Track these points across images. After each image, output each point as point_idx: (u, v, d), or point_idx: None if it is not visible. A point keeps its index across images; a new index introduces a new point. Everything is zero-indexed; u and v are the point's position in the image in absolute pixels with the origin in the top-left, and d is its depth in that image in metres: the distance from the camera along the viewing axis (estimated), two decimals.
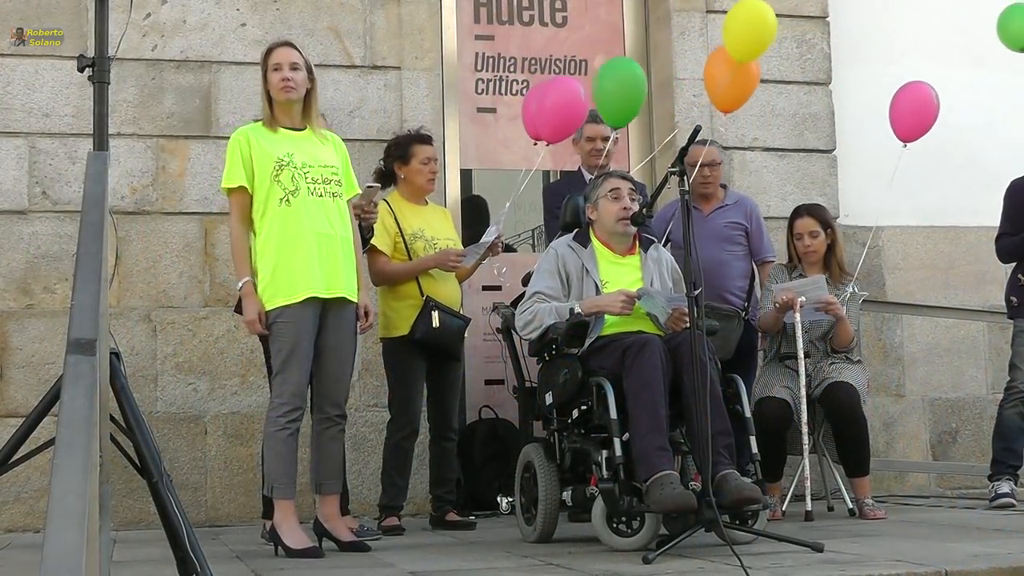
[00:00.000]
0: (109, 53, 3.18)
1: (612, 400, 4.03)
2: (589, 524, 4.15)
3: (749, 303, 5.52)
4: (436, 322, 5.00)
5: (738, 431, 4.16)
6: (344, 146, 4.58)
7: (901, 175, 5.50)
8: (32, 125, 5.61)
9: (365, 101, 6.00)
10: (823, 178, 6.57)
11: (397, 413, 5.12)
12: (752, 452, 4.21)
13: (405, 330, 5.05)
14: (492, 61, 6.45)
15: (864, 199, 6.45)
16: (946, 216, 6.81)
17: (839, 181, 6.58)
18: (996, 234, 5.66)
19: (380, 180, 5.25)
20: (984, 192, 6.29)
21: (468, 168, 6.49)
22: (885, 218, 6.38)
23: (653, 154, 6.32)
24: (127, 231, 5.62)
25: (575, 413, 4.28)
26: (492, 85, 6.44)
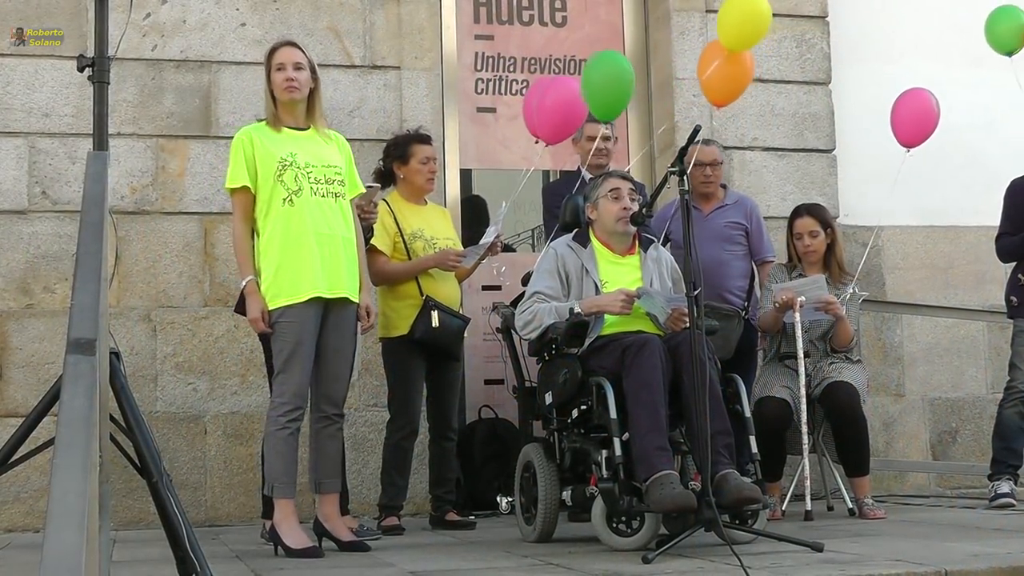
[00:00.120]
0: (109, 53, 3.18)
1: (612, 400, 4.03)
2: (589, 524, 4.15)
3: (749, 303, 5.52)
4: (436, 322, 5.00)
5: (738, 431, 4.16)
6: (348, 146, 4.58)
7: (901, 175, 5.51)
8: (32, 125, 5.61)
9: (365, 101, 6.00)
10: (823, 178, 6.57)
11: (397, 413, 5.12)
12: (752, 452, 4.21)
13: (405, 330, 5.05)
14: (492, 61, 6.45)
15: (864, 199, 6.45)
16: (946, 216, 6.81)
17: (839, 181, 6.58)
18: (996, 234, 5.66)
19: (380, 180, 5.25)
20: (984, 192, 6.29)
21: (468, 168, 6.48)
22: (885, 218, 6.37)
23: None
24: (127, 231, 5.62)
25: (575, 413, 4.28)
26: (492, 85, 6.43)
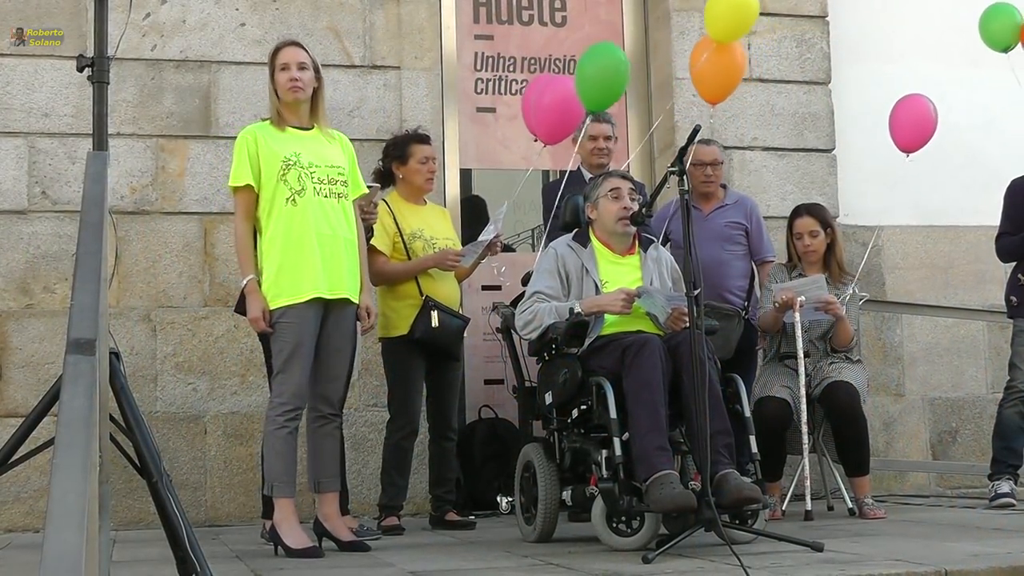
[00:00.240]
0: (109, 53, 3.18)
1: (612, 400, 4.03)
2: (589, 524, 4.15)
3: (749, 303, 5.52)
4: (435, 322, 5.00)
5: (738, 431, 4.16)
6: (351, 146, 4.58)
7: (900, 174, 5.51)
8: (32, 125, 5.61)
9: (365, 101, 6.00)
10: (823, 177, 6.57)
11: (396, 413, 5.12)
12: (752, 452, 4.21)
13: (404, 330, 5.05)
14: (492, 61, 6.44)
15: (864, 199, 6.45)
16: (946, 216, 6.81)
17: (839, 181, 6.58)
18: (996, 233, 5.66)
19: (379, 180, 5.25)
20: (984, 191, 6.29)
21: (468, 168, 6.48)
22: (885, 217, 6.38)
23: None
24: (127, 231, 5.62)
25: (575, 413, 4.28)
26: (492, 85, 6.43)
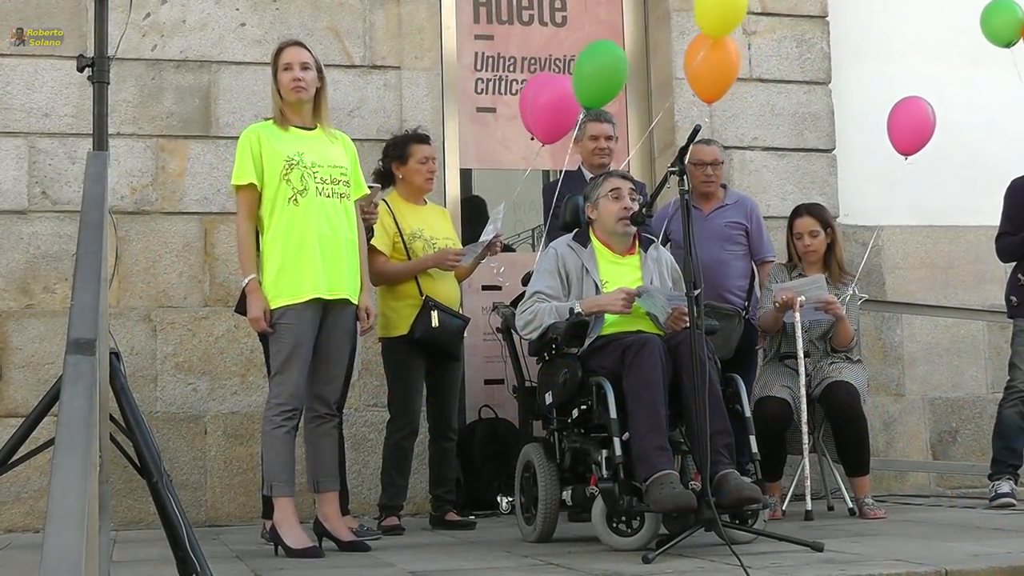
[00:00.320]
0: (109, 53, 3.18)
1: (612, 400, 4.03)
2: (589, 524, 4.15)
3: (749, 302, 5.52)
4: (435, 321, 5.00)
5: (738, 430, 4.15)
6: (353, 146, 4.57)
7: (900, 174, 5.51)
8: (32, 125, 5.61)
9: (365, 101, 6.00)
10: (823, 177, 6.57)
11: (396, 413, 5.12)
12: (752, 451, 4.20)
13: (404, 330, 5.05)
14: (492, 61, 6.44)
15: (864, 198, 6.45)
16: (946, 215, 6.81)
17: (839, 180, 6.58)
18: (996, 233, 5.66)
19: (379, 180, 5.25)
20: (984, 191, 6.29)
21: (468, 168, 6.48)
22: (885, 217, 6.38)
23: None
24: (127, 231, 5.62)
25: (575, 413, 4.28)
26: (492, 85, 6.43)
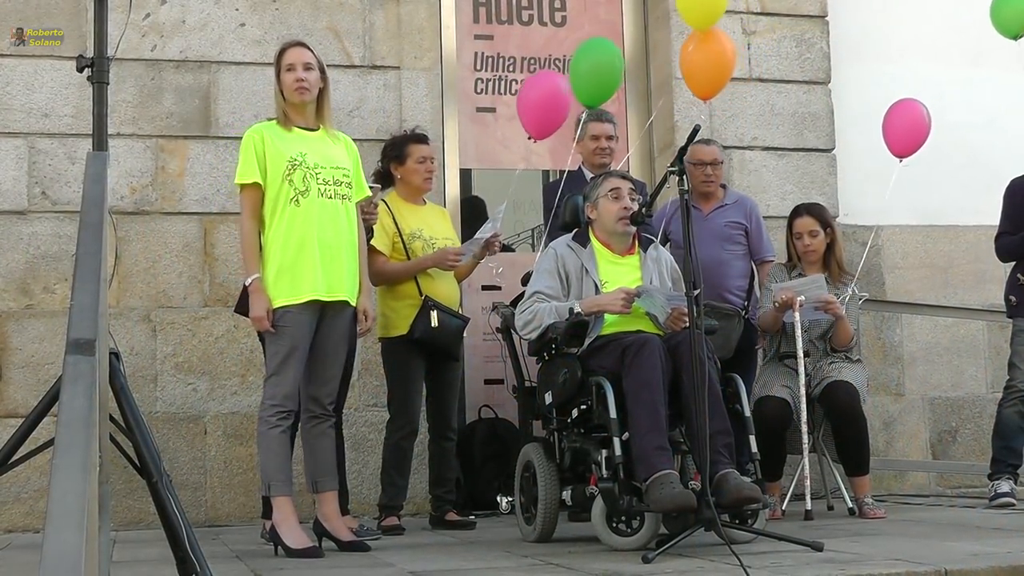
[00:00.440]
0: (108, 53, 3.18)
1: (612, 399, 4.03)
2: (589, 524, 4.15)
3: (749, 302, 5.52)
4: (435, 321, 5.00)
5: (738, 430, 4.15)
6: (355, 148, 4.56)
7: (900, 174, 5.51)
8: (32, 125, 5.61)
9: (364, 101, 5.99)
10: (822, 177, 6.57)
11: (396, 413, 5.12)
12: (752, 451, 4.20)
13: (404, 329, 5.05)
14: (491, 61, 6.44)
15: (863, 198, 6.45)
16: (945, 215, 6.81)
17: (838, 180, 6.58)
18: (995, 233, 5.66)
19: (379, 181, 5.25)
20: (983, 191, 6.29)
21: (467, 168, 6.48)
22: (884, 217, 6.37)
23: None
24: (127, 231, 5.62)
25: (575, 413, 4.28)
26: (491, 85, 6.43)
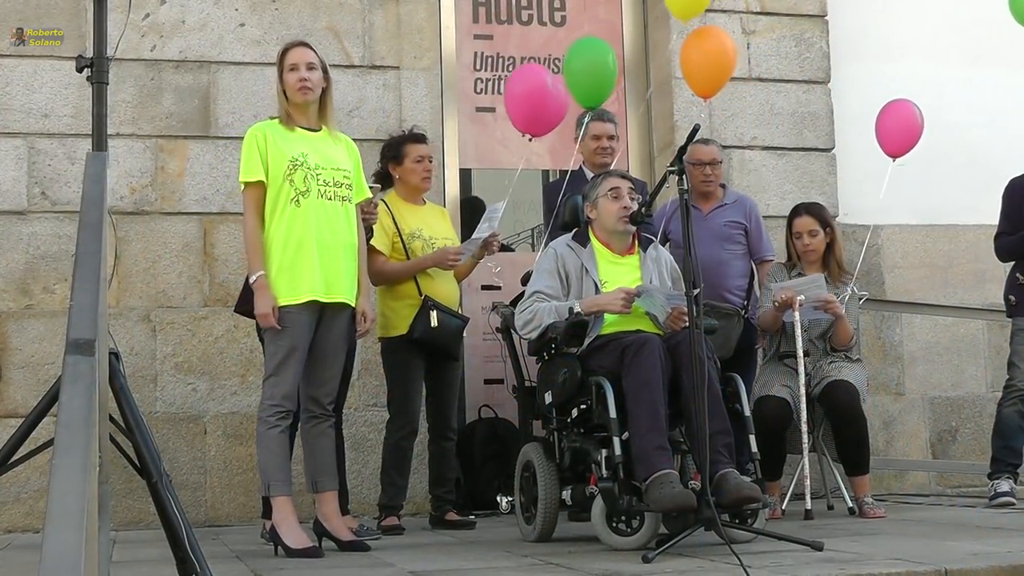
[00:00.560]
0: (108, 53, 3.18)
1: (611, 399, 4.03)
2: (589, 523, 4.15)
3: (748, 302, 5.52)
4: (435, 321, 5.00)
5: (737, 430, 4.15)
6: (356, 149, 4.56)
7: (899, 174, 5.51)
8: (31, 125, 5.61)
9: (364, 101, 5.99)
10: (822, 177, 6.57)
11: (396, 413, 5.12)
12: (752, 451, 4.20)
13: (404, 329, 5.05)
14: (491, 60, 6.44)
15: (863, 198, 6.45)
16: (945, 215, 6.81)
17: (838, 180, 6.58)
18: (995, 233, 5.66)
19: (379, 181, 5.25)
20: (983, 191, 6.29)
21: (467, 168, 6.48)
22: (884, 217, 6.37)
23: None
24: (126, 231, 5.62)
25: (574, 412, 4.28)
26: (491, 84, 6.43)
